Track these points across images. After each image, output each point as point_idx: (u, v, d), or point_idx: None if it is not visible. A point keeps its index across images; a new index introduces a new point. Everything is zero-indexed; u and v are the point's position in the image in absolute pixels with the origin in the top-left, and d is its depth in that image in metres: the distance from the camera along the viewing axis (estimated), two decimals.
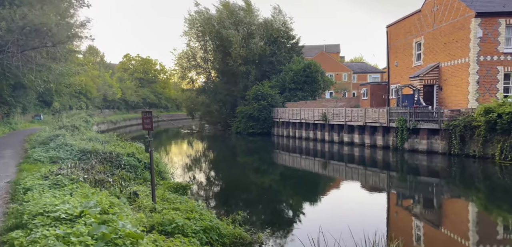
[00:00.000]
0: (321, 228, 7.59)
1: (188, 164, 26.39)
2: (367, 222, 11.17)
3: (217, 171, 24.69)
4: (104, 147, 12.06)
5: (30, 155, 12.57)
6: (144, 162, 12.93)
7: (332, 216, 12.76)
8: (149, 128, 7.85)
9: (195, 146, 41.79)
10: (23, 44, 14.15)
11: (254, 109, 41.01)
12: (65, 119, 24.16)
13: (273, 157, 32.36)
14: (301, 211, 13.65)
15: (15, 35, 13.02)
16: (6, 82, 23.30)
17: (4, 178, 9.40)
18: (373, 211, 13.46)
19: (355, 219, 11.88)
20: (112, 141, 15.49)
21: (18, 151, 14.84)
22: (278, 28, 46.23)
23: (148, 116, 7.91)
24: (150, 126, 7.83)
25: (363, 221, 11.38)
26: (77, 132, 21.52)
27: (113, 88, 65.52)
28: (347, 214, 12.72)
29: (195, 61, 50.66)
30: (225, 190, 17.79)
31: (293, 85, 42.62)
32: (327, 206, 14.51)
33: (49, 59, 21.67)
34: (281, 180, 21.53)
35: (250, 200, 15.28)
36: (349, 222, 11.35)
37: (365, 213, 12.92)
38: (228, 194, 16.42)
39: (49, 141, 14.56)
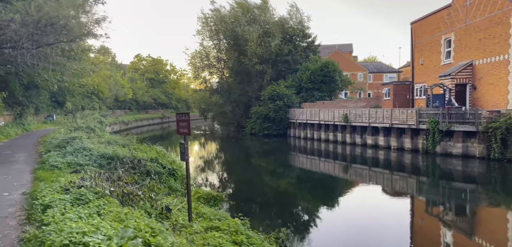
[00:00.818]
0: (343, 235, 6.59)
1: (204, 167, 25.30)
2: (394, 229, 10.86)
3: (234, 174, 23.67)
4: (131, 152, 10.96)
5: (45, 160, 11.55)
6: (168, 168, 11.81)
7: (354, 222, 12.09)
8: (185, 132, 6.67)
9: (209, 147, 40.75)
10: (38, 39, 13.24)
11: (270, 110, 39.77)
12: (79, 120, 23.27)
13: (290, 159, 31.24)
14: (321, 216, 12.98)
15: (29, 29, 12.11)
16: (19, 81, 22.53)
17: (18, 188, 8.34)
18: (400, 218, 12.87)
19: (380, 226, 11.36)
20: (131, 143, 14.42)
21: (32, 155, 13.87)
22: (294, 27, 44.92)
23: (184, 119, 6.72)
24: (187, 130, 6.65)
25: (389, 228, 11.00)
26: (93, 134, 20.57)
27: (124, 89, 65.03)
28: (371, 221, 11.93)
29: (208, 60, 49.64)
30: (244, 194, 16.80)
31: (310, 85, 41.25)
32: (349, 211, 13.70)
33: (64, 57, 20.79)
34: (299, 184, 20.59)
35: (275, 206, 14.46)
36: (373, 230, 11.05)
37: (391, 220, 12.33)
38: (248, 198, 15.49)
39: (65, 144, 13.54)
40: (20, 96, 24.74)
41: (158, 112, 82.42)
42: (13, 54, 13.07)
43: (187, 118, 6.73)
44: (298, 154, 33.39)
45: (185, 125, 6.75)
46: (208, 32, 47.53)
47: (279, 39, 42.97)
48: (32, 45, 12.51)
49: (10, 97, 25.25)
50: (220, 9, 46.04)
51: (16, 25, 11.71)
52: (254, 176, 23.39)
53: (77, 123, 22.13)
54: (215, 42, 48.46)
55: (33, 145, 17.42)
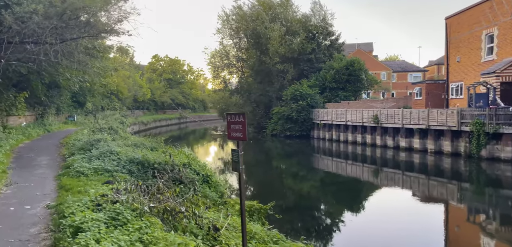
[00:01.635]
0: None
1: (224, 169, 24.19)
2: (432, 239, 10.30)
3: (255, 176, 22.60)
4: (172, 159, 9.86)
5: (69, 164, 10.59)
6: (202, 174, 10.66)
7: (386, 231, 11.10)
8: (239, 137, 5.44)
9: (229, 149, 39.70)
10: (62, 33, 12.39)
11: (292, 110, 38.38)
12: (101, 121, 22.55)
13: (314, 162, 30.07)
14: (348, 222, 12.24)
15: (53, 22, 11.26)
16: (41, 80, 21.97)
17: (41, 199, 7.32)
18: (438, 226, 12.10)
19: (415, 235, 10.72)
20: (159, 146, 13.36)
21: (55, 158, 13.00)
22: (317, 24, 43.39)
23: (238, 120, 5.49)
24: (242, 134, 5.42)
25: (427, 238, 10.42)
26: (117, 136, 19.72)
27: (143, 89, 64.92)
28: (405, 228, 11.23)
29: (228, 59, 48.65)
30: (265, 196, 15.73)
31: (335, 84, 39.63)
32: (380, 218, 12.69)
33: (87, 55, 20.04)
34: (324, 187, 19.62)
35: (298, 210, 13.72)
36: (407, 240, 10.24)
37: (429, 228, 11.54)
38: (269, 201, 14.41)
39: (89, 146, 12.60)
40: (42, 96, 24.24)
41: (176, 112, 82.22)
42: (35, 50, 12.29)
43: (242, 119, 5.50)
44: (322, 157, 32.01)
45: (239, 128, 5.52)
46: (228, 31, 46.58)
47: (302, 37, 41.55)
48: (56, 39, 11.65)
49: (32, 97, 24.78)
50: (242, 6, 45.00)
51: (39, 17, 10.89)
52: (276, 178, 22.36)
53: (99, 123, 21.34)
54: (235, 40, 47.48)
55: (55, 147, 16.65)
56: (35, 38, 11.58)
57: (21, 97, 20.83)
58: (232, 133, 5.68)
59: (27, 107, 24.07)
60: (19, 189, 8.12)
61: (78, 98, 36.70)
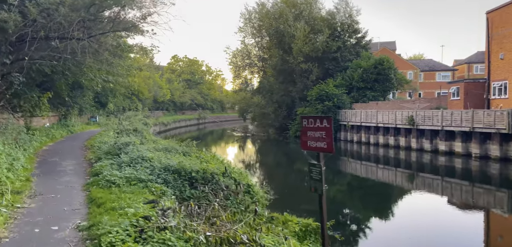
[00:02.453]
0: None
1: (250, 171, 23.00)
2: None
3: (277, 178, 21.39)
4: (229, 172, 8.73)
5: (98, 171, 9.60)
6: (243, 184, 9.46)
7: (422, 241, 10.20)
8: (323, 148, 4.18)
9: (251, 150, 38.55)
10: (90, 27, 11.50)
11: (318, 111, 36.78)
12: (125, 122, 21.78)
13: (341, 165, 28.68)
14: (378, 230, 11.45)
15: (81, 14, 10.37)
16: (65, 80, 21.39)
17: (70, 216, 6.26)
18: (485, 238, 11.15)
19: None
20: (191, 150, 12.26)
21: (81, 163, 12.08)
22: (342, 21, 41.68)
23: (320, 127, 4.22)
24: (326, 144, 4.16)
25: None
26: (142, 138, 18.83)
27: (163, 90, 64.70)
28: (445, 241, 10.15)
29: (249, 59, 47.53)
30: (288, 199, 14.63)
31: (362, 83, 37.84)
32: (416, 226, 11.61)
33: (111, 54, 19.25)
34: (351, 192, 18.59)
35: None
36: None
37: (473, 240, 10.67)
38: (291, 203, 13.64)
39: (117, 151, 11.62)
40: (65, 96, 23.72)
41: (194, 113, 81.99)
42: (60, 47, 11.45)
43: (326, 124, 4.22)
44: (350, 160, 30.47)
45: (321, 135, 4.25)
46: (250, 29, 45.46)
47: (326, 35, 39.95)
48: (84, 33, 10.77)
49: (55, 98, 24.30)
50: (265, 4, 43.76)
51: (65, 9, 10.03)
52: (300, 181, 21.21)
53: (123, 125, 20.53)
54: (257, 39, 46.34)
55: (80, 149, 15.85)
56: (61, 33, 10.71)
57: (45, 97, 20.26)
58: (309, 142, 4.41)
59: (51, 108, 23.58)
60: (45, 202, 7.12)
61: (101, 99, 36.36)
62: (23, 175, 9.10)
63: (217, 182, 8.66)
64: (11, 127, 13.92)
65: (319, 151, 4.21)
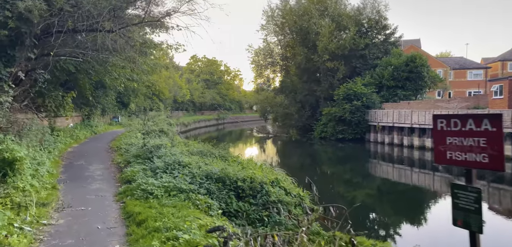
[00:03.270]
0: None
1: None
2: None
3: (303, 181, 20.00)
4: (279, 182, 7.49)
5: (129, 177, 8.53)
6: (293, 195, 8.18)
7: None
8: (488, 164, 2.77)
9: (275, 152, 37.25)
10: (121, 16, 10.53)
11: (345, 111, 35.15)
12: (150, 122, 20.89)
13: (371, 168, 27.23)
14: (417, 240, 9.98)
15: (111, 2, 9.37)
16: (88, 80, 20.72)
17: (106, 238, 5.12)
18: None
19: None
20: (228, 154, 11.06)
21: (109, 167, 11.09)
22: (370, 17, 39.83)
23: (483, 131, 2.83)
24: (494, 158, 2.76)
25: None
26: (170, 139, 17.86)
27: (182, 90, 64.30)
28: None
29: (271, 57, 46.21)
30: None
31: (393, 82, 35.89)
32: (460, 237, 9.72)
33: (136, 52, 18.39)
34: (382, 196, 17.45)
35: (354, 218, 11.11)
36: None
37: None
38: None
39: (148, 153, 10.56)
40: (89, 96, 23.10)
41: (213, 113, 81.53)
42: (87, 41, 10.56)
43: (491, 127, 2.86)
44: (380, 163, 28.78)
45: (481, 143, 2.89)
46: (273, 27, 44.14)
47: (353, 32, 38.20)
48: (115, 23, 9.78)
49: (79, 97, 23.72)
50: (288, 0, 42.38)
51: None
52: (326, 184, 19.90)
53: (148, 125, 19.60)
54: (280, 37, 44.96)
55: (106, 152, 14.95)
56: (89, 24, 9.73)
57: (69, 97, 19.60)
58: (452, 152, 3.07)
59: (74, 108, 23.01)
60: (74, 217, 6.05)
61: (123, 99, 35.87)
62: (49, 182, 8.12)
63: (267, 193, 7.40)
64: (36, 128, 13.12)
65: (473, 168, 2.86)
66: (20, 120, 9.59)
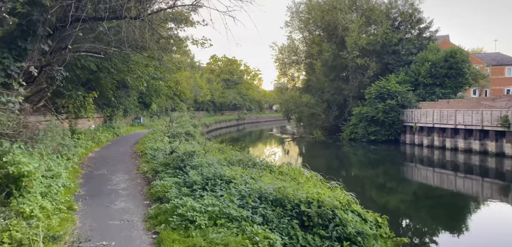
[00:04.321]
0: None
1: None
2: None
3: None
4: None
5: (160, 194, 6.95)
6: (370, 221, 6.34)
7: None
8: None
9: (299, 153, 35.27)
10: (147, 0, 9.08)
11: (378, 111, 32.81)
12: (175, 123, 19.49)
13: (407, 172, 25.36)
14: None
15: None
16: (111, 79, 19.50)
17: None
18: None
19: None
20: (274, 164, 9.30)
21: (134, 178, 9.57)
22: (403, 11, 37.23)
23: None
24: None
25: None
26: (201, 144, 16.34)
27: (203, 90, 63.35)
28: None
29: (296, 55, 44.24)
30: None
31: (430, 79, 33.23)
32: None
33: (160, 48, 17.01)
34: (418, 202, 15.98)
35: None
36: None
37: None
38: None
39: (179, 162, 8.96)
40: (111, 96, 21.95)
41: (233, 113, 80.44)
42: (112, 26, 9.17)
43: None
44: (418, 166, 26.44)
45: None
46: (297, 23, 42.17)
47: (385, 26, 35.74)
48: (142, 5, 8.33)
49: (100, 98, 22.62)
50: None
51: None
52: (355, 188, 18.05)
53: (173, 127, 18.14)
54: (305, 34, 42.93)
55: (129, 157, 13.53)
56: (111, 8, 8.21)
57: (90, 97, 18.43)
58: None
59: (96, 109, 21.91)
60: None
61: (144, 99, 34.83)
62: (64, 200, 6.61)
63: (341, 223, 5.60)
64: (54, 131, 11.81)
65: None
66: (32, 123, 8.19)
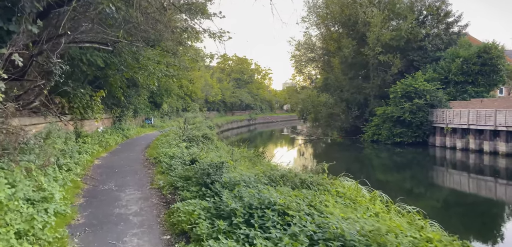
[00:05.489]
0: None
1: None
2: None
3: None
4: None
5: (184, 224, 5.02)
6: None
7: None
8: None
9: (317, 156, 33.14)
10: None
11: (404, 111, 30.49)
12: (190, 125, 17.60)
13: (437, 177, 23.64)
14: None
15: None
16: (120, 76, 17.74)
17: None
18: None
19: None
20: (325, 180, 7.28)
21: (149, 196, 7.64)
22: (430, 4, 34.80)
23: None
24: None
25: None
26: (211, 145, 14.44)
27: (214, 89, 61.72)
28: None
29: (313, 52, 42.06)
30: None
31: (462, 77, 30.78)
32: None
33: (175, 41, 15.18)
34: (448, 210, 14.45)
35: None
36: None
37: None
38: None
39: (204, 177, 7.00)
40: (120, 95, 20.20)
41: (244, 113, 78.79)
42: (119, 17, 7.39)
43: None
44: (450, 171, 24.27)
45: None
46: (315, 18, 39.98)
47: (410, 20, 33.37)
48: None
49: (109, 97, 20.91)
50: None
51: None
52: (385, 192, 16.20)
53: (189, 130, 16.23)
54: (322, 30, 40.72)
55: (141, 165, 11.65)
56: None
57: (98, 96, 16.68)
58: None
59: (104, 109, 20.17)
60: None
61: (155, 99, 33.10)
62: (54, 237, 4.70)
63: None
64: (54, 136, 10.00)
65: None
66: (16, 129, 6.32)
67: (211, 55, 19.35)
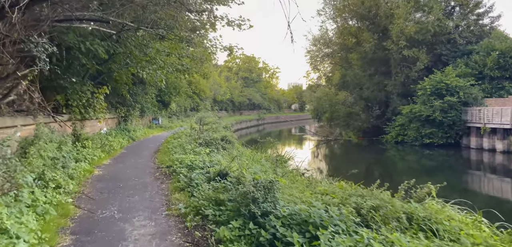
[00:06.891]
0: None
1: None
2: None
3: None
4: None
5: None
6: None
7: None
8: None
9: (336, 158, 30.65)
10: None
11: (434, 109, 27.93)
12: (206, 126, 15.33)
13: (472, 182, 21.64)
14: None
15: None
16: (125, 71, 15.53)
17: None
18: None
19: None
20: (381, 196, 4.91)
21: (165, 231, 5.30)
22: None
23: None
24: None
25: None
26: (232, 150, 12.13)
27: (222, 88, 59.62)
28: None
29: (329, 47, 39.58)
30: None
31: (498, 72, 28.12)
32: None
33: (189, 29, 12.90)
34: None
35: None
36: None
37: None
38: None
39: (250, 202, 4.64)
40: (126, 93, 17.99)
41: (252, 113, 76.67)
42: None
43: None
44: (488, 176, 21.78)
45: None
46: (331, 11, 37.51)
47: (437, 11, 30.79)
48: None
49: (113, 95, 18.72)
50: None
51: None
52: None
53: (204, 130, 13.89)
54: (340, 24, 38.21)
55: (152, 177, 9.33)
56: None
57: (101, 93, 14.48)
58: None
59: (108, 108, 17.93)
60: None
61: (163, 97, 30.90)
62: None
63: None
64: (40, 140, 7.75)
65: None
66: None
67: (230, 47, 16.91)
